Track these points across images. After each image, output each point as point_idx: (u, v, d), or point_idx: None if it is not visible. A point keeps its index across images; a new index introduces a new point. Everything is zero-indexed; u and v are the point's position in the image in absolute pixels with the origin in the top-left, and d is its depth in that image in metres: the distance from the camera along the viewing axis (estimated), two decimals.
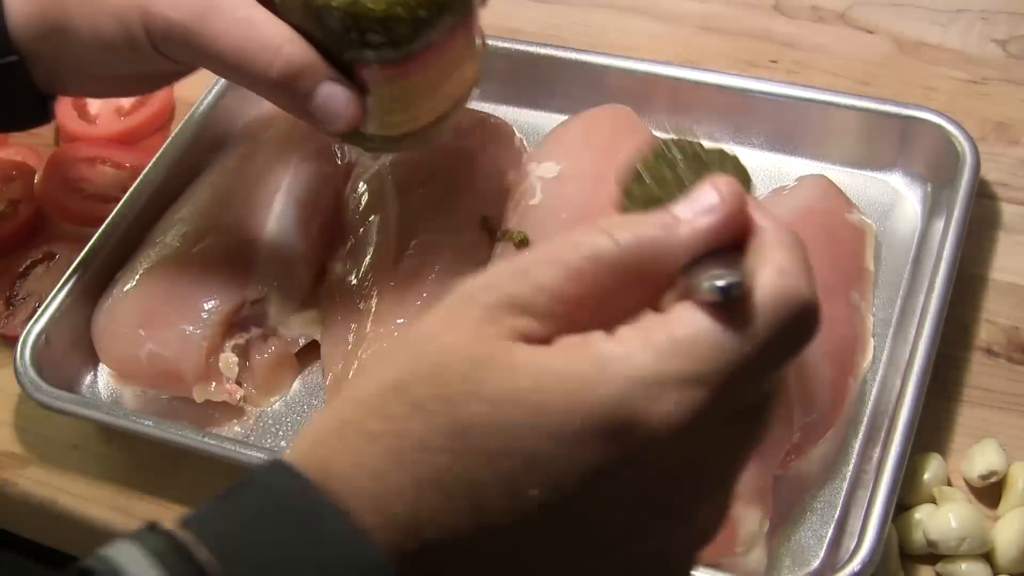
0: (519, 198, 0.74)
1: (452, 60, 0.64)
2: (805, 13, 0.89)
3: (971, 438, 0.65)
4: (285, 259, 0.73)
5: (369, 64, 0.61)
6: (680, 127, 0.45)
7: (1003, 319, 0.71)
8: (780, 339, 0.36)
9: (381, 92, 0.62)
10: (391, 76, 0.61)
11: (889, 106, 0.76)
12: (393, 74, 0.61)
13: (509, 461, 0.35)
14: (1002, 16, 0.87)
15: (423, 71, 0.62)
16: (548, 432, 0.34)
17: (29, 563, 0.76)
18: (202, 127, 0.80)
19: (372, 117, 0.63)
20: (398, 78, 0.62)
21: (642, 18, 0.91)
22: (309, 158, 0.78)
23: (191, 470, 0.67)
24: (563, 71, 0.82)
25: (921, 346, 0.64)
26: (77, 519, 0.68)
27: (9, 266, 0.79)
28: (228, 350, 0.70)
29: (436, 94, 0.64)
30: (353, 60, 0.61)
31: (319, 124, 0.63)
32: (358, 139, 0.65)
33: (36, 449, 0.71)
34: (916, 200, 0.76)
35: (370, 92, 0.62)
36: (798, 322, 0.37)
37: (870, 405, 0.66)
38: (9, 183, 0.83)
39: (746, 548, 0.59)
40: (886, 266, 0.72)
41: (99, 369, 0.73)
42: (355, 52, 0.61)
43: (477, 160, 0.76)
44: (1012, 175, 0.77)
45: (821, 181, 0.73)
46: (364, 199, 0.76)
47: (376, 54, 0.60)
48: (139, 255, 0.73)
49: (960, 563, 0.60)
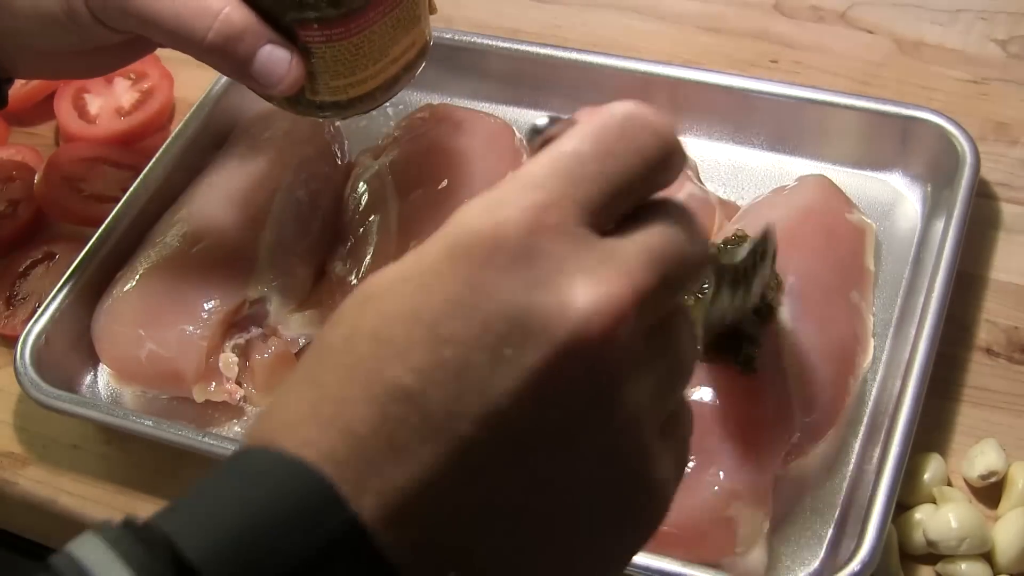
0: None
1: (398, 20, 0.63)
2: (805, 13, 0.89)
3: (971, 438, 0.65)
4: (285, 259, 0.73)
5: (310, 25, 0.61)
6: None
7: (1003, 319, 0.71)
8: (615, 137, 0.37)
9: (324, 54, 0.62)
10: (333, 37, 0.61)
11: (889, 106, 0.76)
12: (335, 34, 0.61)
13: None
14: (1002, 16, 0.87)
15: (367, 31, 0.61)
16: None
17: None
18: (202, 127, 0.80)
19: (318, 81, 0.63)
20: (341, 39, 0.61)
21: (642, 18, 0.91)
22: (309, 158, 0.78)
23: (191, 470, 0.67)
24: (563, 71, 0.82)
25: (921, 346, 0.64)
26: (77, 519, 0.68)
27: (9, 266, 0.79)
28: (228, 350, 0.70)
29: (383, 56, 0.64)
30: (294, 21, 0.61)
31: (262, 88, 0.63)
32: (306, 106, 0.65)
33: (36, 449, 0.71)
34: (916, 200, 0.76)
35: (313, 55, 0.62)
36: (629, 121, 0.38)
37: (870, 405, 0.66)
38: (9, 183, 0.83)
39: (746, 548, 0.59)
40: (886, 266, 0.72)
41: (99, 369, 0.73)
42: (295, 13, 0.60)
43: (477, 160, 0.76)
44: (1012, 175, 0.77)
45: (821, 181, 0.73)
46: (364, 199, 0.76)
47: (316, 14, 0.60)
48: (139, 255, 0.73)
49: (960, 563, 0.60)
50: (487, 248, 0.35)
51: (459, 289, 0.35)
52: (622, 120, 0.38)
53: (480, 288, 0.34)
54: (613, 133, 0.37)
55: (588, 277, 0.35)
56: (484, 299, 0.34)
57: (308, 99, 0.64)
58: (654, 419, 0.37)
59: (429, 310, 0.35)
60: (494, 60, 0.84)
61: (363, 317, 0.36)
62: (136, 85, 0.87)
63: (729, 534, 0.59)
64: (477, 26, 0.89)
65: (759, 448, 0.60)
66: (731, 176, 0.79)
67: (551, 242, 0.35)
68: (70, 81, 0.87)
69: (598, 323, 0.34)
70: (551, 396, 0.34)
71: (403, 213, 0.73)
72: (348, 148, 0.82)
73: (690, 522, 0.59)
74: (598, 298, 0.34)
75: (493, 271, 0.35)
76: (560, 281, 0.35)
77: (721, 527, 0.59)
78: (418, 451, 0.34)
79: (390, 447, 0.34)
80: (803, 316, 0.65)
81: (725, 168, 0.79)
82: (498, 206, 0.36)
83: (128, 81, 0.87)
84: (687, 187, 0.73)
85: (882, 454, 0.60)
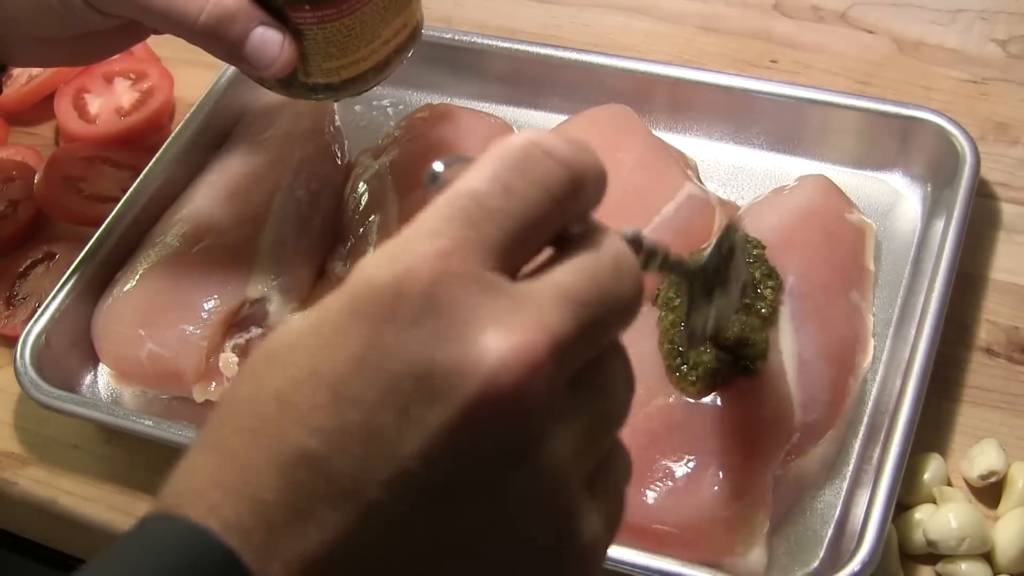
0: None
1: (389, 2, 0.63)
2: (805, 13, 0.89)
3: (971, 438, 0.65)
4: (285, 259, 0.73)
5: (302, 7, 0.61)
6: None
7: (1003, 319, 0.71)
8: (511, 171, 0.35)
9: (315, 35, 0.62)
10: (325, 18, 0.61)
11: (889, 106, 0.76)
12: (327, 15, 0.61)
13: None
14: (1002, 16, 0.87)
15: (358, 12, 0.62)
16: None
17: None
18: (202, 127, 0.80)
19: (309, 63, 0.63)
20: (332, 20, 0.61)
21: (642, 18, 0.91)
22: (309, 158, 0.78)
23: None
24: (563, 71, 0.82)
25: (921, 346, 0.64)
26: (77, 519, 0.68)
27: (9, 266, 0.79)
28: (228, 350, 0.70)
29: (374, 38, 0.64)
30: (286, 3, 0.61)
31: (254, 70, 0.63)
32: (298, 88, 0.65)
33: (36, 449, 0.71)
34: (916, 200, 0.76)
35: (305, 36, 0.62)
36: (527, 153, 0.35)
37: (870, 405, 0.66)
38: (9, 183, 0.83)
39: (746, 548, 0.59)
40: (886, 266, 0.72)
41: (99, 369, 0.73)
42: None
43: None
44: (1012, 175, 0.77)
45: (821, 181, 0.73)
46: (364, 199, 0.76)
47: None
48: (139, 255, 0.73)
49: (960, 563, 0.60)
50: (389, 302, 0.33)
51: (362, 347, 0.33)
52: (520, 152, 0.35)
53: (383, 345, 0.33)
54: (511, 167, 0.35)
55: (497, 326, 0.33)
56: (388, 357, 0.33)
57: (301, 81, 0.65)
58: (579, 472, 0.35)
59: (332, 370, 0.33)
60: (494, 60, 0.84)
61: (267, 376, 0.34)
62: (136, 85, 0.87)
63: (729, 534, 0.59)
64: (477, 26, 0.89)
65: (759, 448, 0.60)
66: (731, 176, 0.79)
67: (456, 291, 0.33)
68: (70, 81, 0.87)
69: (509, 376, 0.32)
70: (463, 456, 0.33)
71: (403, 213, 0.73)
72: (348, 148, 0.82)
73: (690, 522, 0.59)
74: (509, 349, 0.32)
75: (396, 326, 0.33)
76: (467, 332, 0.33)
77: (721, 527, 0.59)
78: (325, 517, 0.32)
79: (296, 514, 0.33)
80: (803, 316, 0.65)
81: (725, 168, 0.79)
82: (398, 257, 0.33)
83: (128, 81, 0.87)
84: (687, 187, 0.73)
85: (882, 454, 0.60)
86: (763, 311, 0.63)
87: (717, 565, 0.58)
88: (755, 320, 0.63)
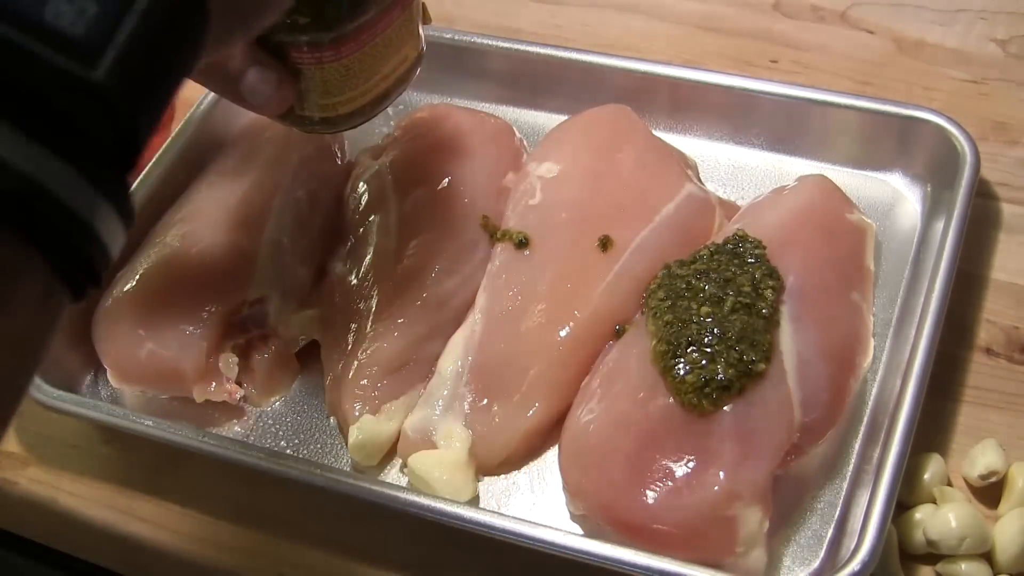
0: (519, 198, 0.74)
1: (389, 41, 0.62)
2: (805, 13, 0.89)
3: (971, 438, 0.65)
4: (285, 259, 0.73)
5: (300, 48, 0.60)
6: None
7: (1003, 319, 0.71)
8: None
9: (314, 75, 0.61)
10: (324, 59, 0.60)
11: (889, 106, 0.76)
12: (325, 57, 0.60)
13: None
14: (1002, 16, 0.87)
15: (357, 53, 0.61)
16: None
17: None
18: (202, 127, 0.80)
19: (307, 99, 0.63)
20: (331, 61, 0.61)
21: (642, 18, 0.91)
22: (309, 158, 0.78)
23: (191, 470, 0.67)
24: (563, 71, 0.82)
25: (921, 346, 0.64)
26: (77, 519, 0.68)
27: None
28: (228, 350, 0.70)
29: (373, 75, 0.63)
30: (284, 43, 0.60)
31: (250, 107, 0.62)
32: (296, 120, 0.65)
33: (36, 449, 0.71)
34: (916, 200, 0.76)
35: (303, 75, 0.61)
36: None
37: (870, 405, 0.66)
38: None
39: (746, 548, 0.59)
40: (886, 266, 0.72)
41: (99, 369, 0.73)
42: (286, 35, 0.60)
43: (477, 160, 0.76)
44: (1012, 175, 0.77)
45: (821, 181, 0.73)
46: (364, 199, 0.76)
47: (307, 37, 0.59)
48: (139, 255, 0.73)
49: (960, 563, 0.60)
50: None
51: None
52: None
53: None
54: None
55: None
56: None
57: (298, 114, 0.64)
58: None
59: None
60: (494, 60, 0.84)
61: None
62: None
63: (729, 534, 0.59)
64: (477, 26, 0.89)
65: (759, 448, 0.60)
66: (731, 176, 0.79)
67: None
68: None
69: None
70: None
71: (403, 213, 0.73)
72: (348, 148, 0.82)
73: (690, 522, 0.59)
74: None
75: None
76: None
77: (721, 527, 0.59)
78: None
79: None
80: (803, 316, 0.65)
81: (725, 168, 0.79)
82: None
83: None
84: (687, 187, 0.73)
85: (882, 454, 0.60)
86: (764, 311, 0.63)
87: (717, 565, 0.58)
88: (759, 321, 0.63)
